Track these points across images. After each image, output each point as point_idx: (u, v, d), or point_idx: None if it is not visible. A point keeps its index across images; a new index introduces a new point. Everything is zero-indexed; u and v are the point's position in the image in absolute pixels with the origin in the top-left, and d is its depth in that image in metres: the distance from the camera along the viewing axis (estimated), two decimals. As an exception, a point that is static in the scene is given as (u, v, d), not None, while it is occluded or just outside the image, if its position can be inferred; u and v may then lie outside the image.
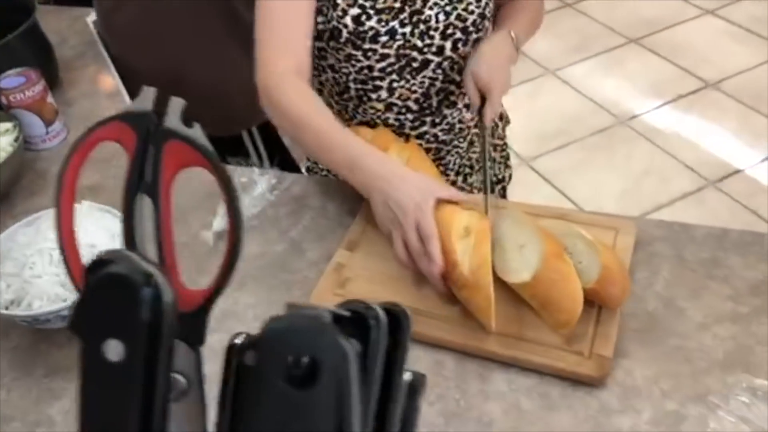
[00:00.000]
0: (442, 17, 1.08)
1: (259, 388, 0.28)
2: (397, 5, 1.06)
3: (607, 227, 1.02)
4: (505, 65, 1.10)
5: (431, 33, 1.08)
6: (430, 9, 1.07)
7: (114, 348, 0.26)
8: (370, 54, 1.08)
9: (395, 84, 1.13)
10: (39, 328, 0.97)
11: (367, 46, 1.08)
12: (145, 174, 0.36)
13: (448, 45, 1.10)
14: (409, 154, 1.10)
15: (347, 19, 1.05)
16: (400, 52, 1.09)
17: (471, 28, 1.10)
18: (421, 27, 1.08)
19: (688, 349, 0.88)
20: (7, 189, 1.26)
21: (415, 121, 1.18)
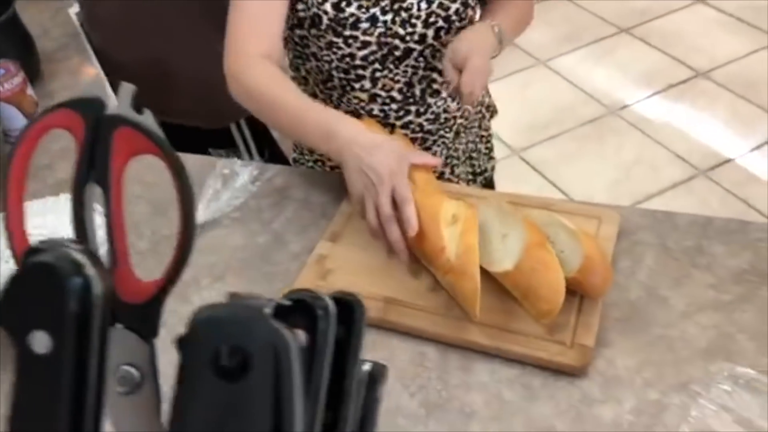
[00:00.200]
0: (424, 5, 1.07)
1: (189, 380, 0.27)
2: None
3: (591, 216, 1.01)
4: (485, 49, 1.05)
5: (413, 21, 1.07)
6: None
7: (40, 340, 0.26)
8: (351, 41, 1.07)
9: (378, 74, 1.12)
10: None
11: (347, 33, 1.06)
12: (95, 163, 0.35)
13: (431, 33, 1.09)
14: None
15: (327, 5, 1.04)
16: (382, 39, 1.08)
17: (453, 17, 1.09)
18: (402, 15, 1.07)
19: (670, 337, 0.88)
20: (-13, 182, 1.24)
21: (399, 111, 1.17)
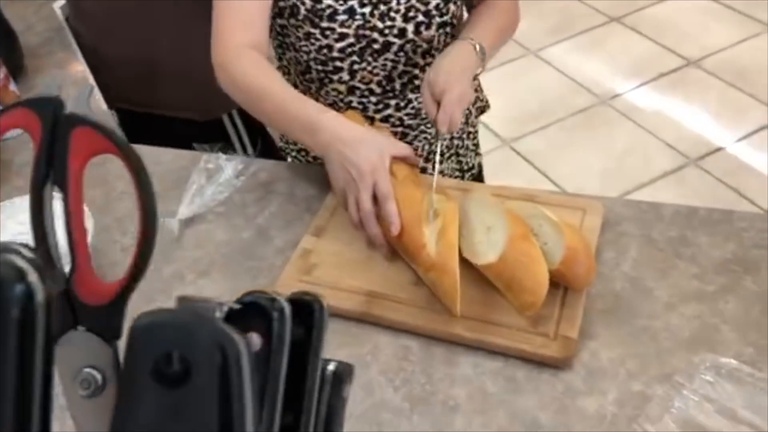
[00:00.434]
0: None
1: (129, 388, 0.27)
2: None
3: (575, 208, 1.01)
4: (463, 76, 1.04)
5: (392, 15, 1.06)
6: None
7: (-18, 349, 0.25)
8: (329, 33, 1.07)
9: (356, 66, 1.11)
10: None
11: (324, 24, 1.06)
12: (53, 163, 0.35)
13: (410, 28, 1.08)
14: None
15: None
16: (360, 32, 1.07)
17: (434, 12, 1.08)
18: (381, 8, 1.06)
19: (654, 329, 0.87)
20: (-30, 180, 1.24)
21: (378, 104, 1.17)
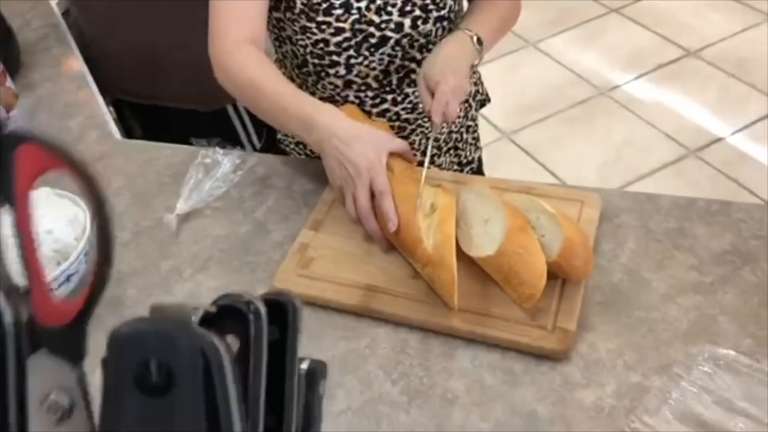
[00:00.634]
0: None
1: (113, 400, 0.27)
2: None
3: (573, 200, 1.01)
4: (459, 67, 1.03)
5: (389, 9, 1.06)
6: None
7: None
8: (324, 27, 1.06)
9: (353, 60, 1.10)
10: None
11: (320, 18, 1.05)
12: (1, 184, 0.34)
13: (407, 22, 1.08)
14: None
15: None
16: (356, 26, 1.06)
17: (431, 6, 1.07)
18: (378, 2, 1.05)
19: (652, 320, 0.87)
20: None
21: (375, 98, 1.16)
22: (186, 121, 1.61)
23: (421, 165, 1.01)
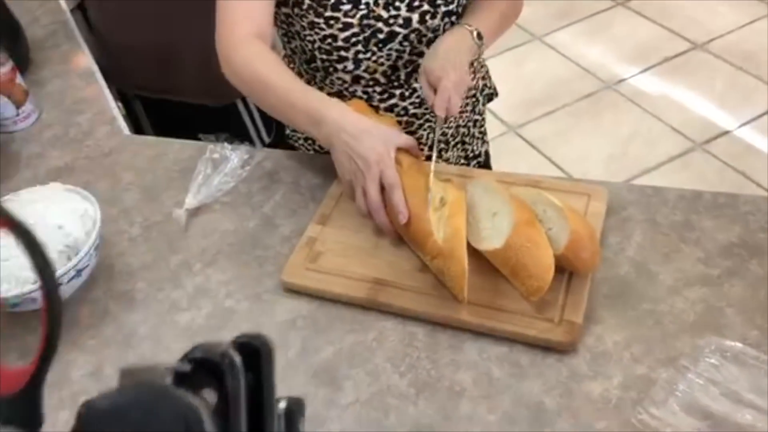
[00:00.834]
0: None
1: None
2: None
3: (579, 193, 1.01)
4: (459, 61, 1.03)
5: (397, 4, 1.06)
6: None
7: None
8: (333, 22, 1.06)
9: (361, 55, 1.11)
10: (10, 311, 0.97)
11: (328, 13, 1.06)
12: None
13: (416, 17, 1.08)
14: None
15: None
16: (364, 22, 1.06)
17: (439, 1, 1.07)
18: None
19: (659, 313, 0.88)
20: (-21, 173, 1.25)
21: (383, 93, 1.17)
22: (196, 117, 1.62)
23: (428, 159, 1.02)
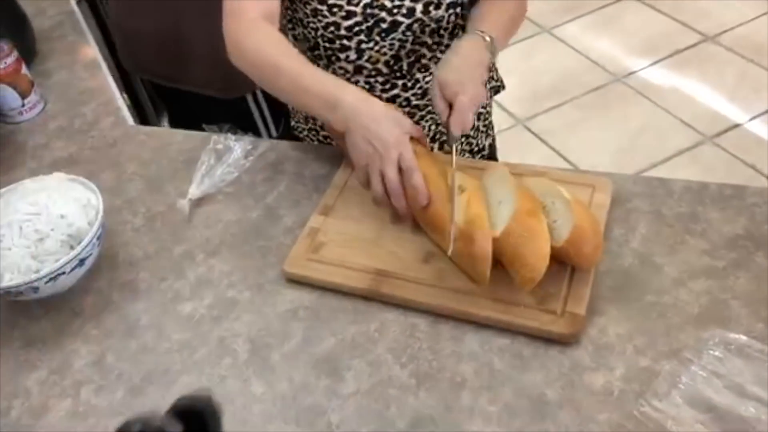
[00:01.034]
0: None
1: None
2: None
3: (584, 184, 1.00)
4: (475, 74, 1.01)
5: None
6: None
7: None
8: (336, 10, 1.06)
9: (363, 45, 1.10)
10: (14, 301, 0.97)
11: (332, 1, 1.05)
12: None
13: (419, 7, 1.07)
14: None
15: None
16: (368, 11, 1.06)
17: None
18: None
19: (663, 305, 0.87)
20: (-16, 163, 1.25)
21: (385, 84, 1.16)
22: (206, 109, 1.62)
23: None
